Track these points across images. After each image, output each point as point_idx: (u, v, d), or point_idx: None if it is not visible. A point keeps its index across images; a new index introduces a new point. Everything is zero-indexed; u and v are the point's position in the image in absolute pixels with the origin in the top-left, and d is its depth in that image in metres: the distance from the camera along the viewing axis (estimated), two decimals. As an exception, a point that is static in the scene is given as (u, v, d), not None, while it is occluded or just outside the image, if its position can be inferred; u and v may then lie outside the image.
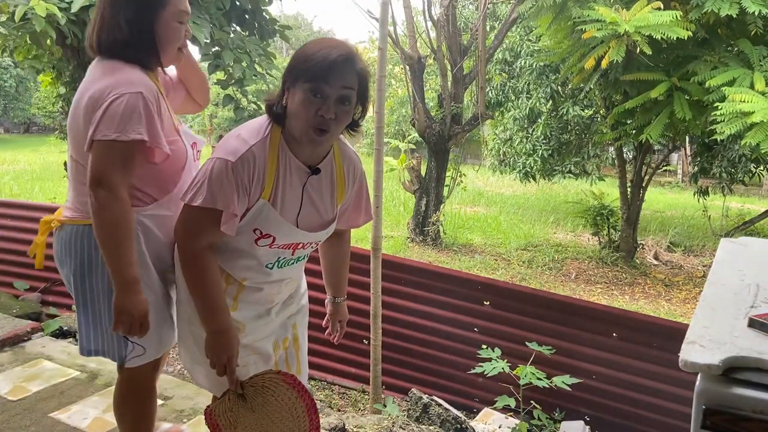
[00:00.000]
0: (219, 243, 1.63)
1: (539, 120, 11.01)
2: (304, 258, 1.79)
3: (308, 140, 1.53)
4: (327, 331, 2.04)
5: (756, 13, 5.66)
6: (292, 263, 1.73)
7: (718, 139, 5.85)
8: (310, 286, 2.01)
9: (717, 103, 5.69)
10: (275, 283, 1.74)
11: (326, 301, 2.01)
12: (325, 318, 2.04)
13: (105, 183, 1.60)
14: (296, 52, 1.54)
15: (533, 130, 11.11)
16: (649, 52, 5.92)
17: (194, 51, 4.55)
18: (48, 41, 4.18)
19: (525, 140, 11.28)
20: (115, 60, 1.69)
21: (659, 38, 5.88)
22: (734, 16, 5.75)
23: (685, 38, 5.88)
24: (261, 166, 1.54)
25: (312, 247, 1.74)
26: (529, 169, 11.40)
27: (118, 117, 1.59)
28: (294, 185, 1.61)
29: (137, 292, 1.65)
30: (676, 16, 5.87)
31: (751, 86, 5.73)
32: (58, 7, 3.84)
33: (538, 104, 10.74)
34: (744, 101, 5.49)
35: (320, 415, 3.36)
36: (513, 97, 11.84)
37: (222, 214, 1.53)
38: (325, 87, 1.46)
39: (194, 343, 1.72)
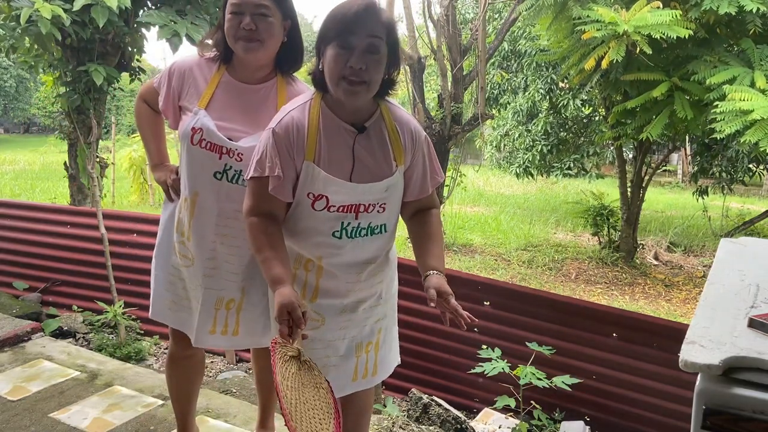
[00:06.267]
0: (289, 225, 1.67)
1: (539, 116, 10.97)
2: (379, 232, 1.72)
3: (343, 93, 1.55)
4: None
5: (755, 11, 5.66)
6: (364, 234, 1.69)
7: (718, 138, 5.84)
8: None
9: (717, 102, 5.69)
10: (352, 267, 1.70)
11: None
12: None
13: None
14: (323, 20, 1.60)
15: (533, 125, 11.07)
16: (649, 51, 5.91)
17: (192, 50, 4.54)
18: (51, 42, 4.19)
19: (526, 134, 11.22)
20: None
21: (659, 38, 5.87)
22: (733, 14, 5.75)
23: (685, 37, 5.87)
24: (302, 128, 1.59)
25: (378, 212, 1.69)
26: (528, 165, 11.37)
27: None
28: (341, 145, 1.62)
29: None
30: (676, 16, 5.87)
31: (752, 84, 5.73)
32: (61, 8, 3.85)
33: (537, 96, 10.68)
34: (743, 99, 5.49)
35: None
36: (511, 93, 11.81)
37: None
38: (351, 38, 1.50)
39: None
